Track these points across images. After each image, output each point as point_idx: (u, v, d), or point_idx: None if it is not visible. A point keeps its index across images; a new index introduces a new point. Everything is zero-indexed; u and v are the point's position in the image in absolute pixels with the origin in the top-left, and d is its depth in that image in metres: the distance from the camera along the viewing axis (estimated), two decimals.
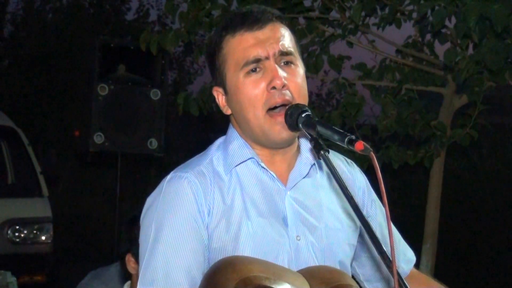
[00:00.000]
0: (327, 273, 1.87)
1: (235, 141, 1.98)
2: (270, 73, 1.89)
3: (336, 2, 4.90)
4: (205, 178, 1.91)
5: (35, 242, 7.78)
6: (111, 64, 6.32)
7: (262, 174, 1.96)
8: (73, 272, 8.72)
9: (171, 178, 1.92)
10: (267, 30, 1.93)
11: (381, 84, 5.10)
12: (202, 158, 1.99)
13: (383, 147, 5.13)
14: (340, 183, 1.72)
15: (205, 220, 1.87)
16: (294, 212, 1.95)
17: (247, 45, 1.91)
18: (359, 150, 1.65)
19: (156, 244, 1.86)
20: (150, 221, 1.90)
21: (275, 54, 1.91)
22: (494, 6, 3.73)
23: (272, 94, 1.89)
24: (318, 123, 1.79)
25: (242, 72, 1.91)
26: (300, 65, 1.96)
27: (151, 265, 1.85)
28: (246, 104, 1.91)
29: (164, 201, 1.89)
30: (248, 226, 1.88)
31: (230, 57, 1.94)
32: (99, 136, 6.12)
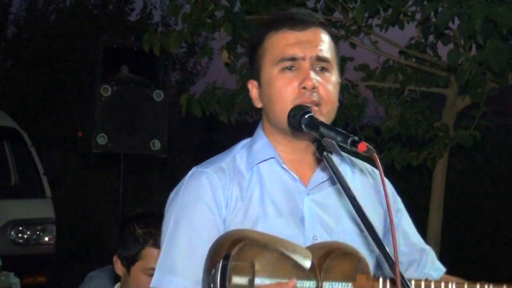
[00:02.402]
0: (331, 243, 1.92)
1: (260, 140, 2.04)
2: (303, 74, 1.95)
3: (339, 3, 4.90)
4: (225, 173, 1.98)
5: (38, 243, 7.79)
6: (114, 65, 6.32)
7: (283, 174, 2.00)
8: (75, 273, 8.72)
9: (192, 173, 2.01)
10: (309, 33, 1.99)
11: (384, 85, 5.10)
12: (225, 155, 2.05)
13: (386, 148, 5.12)
14: (342, 183, 1.73)
15: (222, 213, 1.94)
16: (312, 213, 1.97)
17: (286, 43, 1.98)
18: (362, 151, 1.66)
19: (175, 234, 1.94)
20: (170, 213, 1.99)
21: (311, 57, 1.96)
22: (500, 8, 3.73)
23: (302, 93, 1.94)
24: (321, 124, 1.80)
25: (277, 67, 1.97)
26: (335, 74, 2.01)
27: (169, 253, 1.94)
28: (276, 98, 1.97)
29: (184, 194, 1.98)
30: (265, 223, 1.92)
31: (269, 52, 2.00)
32: (102, 137, 6.11)
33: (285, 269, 1.80)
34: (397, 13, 4.71)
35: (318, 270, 1.84)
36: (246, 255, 1.77)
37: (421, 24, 4.82)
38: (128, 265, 2.96)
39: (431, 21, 4.72)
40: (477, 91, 4.72)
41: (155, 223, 2.98)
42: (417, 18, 4.79)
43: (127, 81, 6.33)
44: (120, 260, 3.03)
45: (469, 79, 4.46)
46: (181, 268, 1.90)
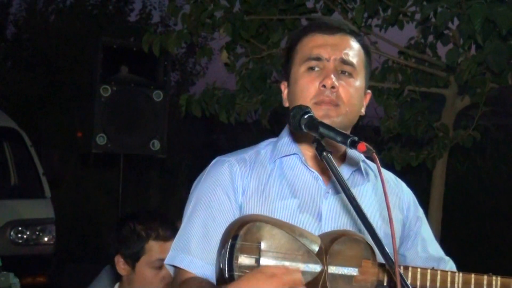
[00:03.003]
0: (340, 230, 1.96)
1: (285, 137, 2.11)
2: (325, 73, 2.02)
3: (339, 4, 4.90)
4: (246, 164, 2.06)
5: (38, 243, 7.79)
6: (114, 65, 6.32)
7: (304, 170, 2.05)
8: (75, 273, 8.72)
9: (216, 161, 2.10)
10: (337, 37, 2.07)
11: (383, 86, 5.10)
12: (249, 149, 2.14)
13: (385, 148, 5.13)
14: (342, 184, 1.72)
15: (238, 200, 2.01)
16: (330, 210, 2.02)
17: (315, 44, 2.07)
18: (361, 151, 1.66)
19: (192, 216, 2.03)
20: (191, 197, 2.08)
21: (336, 59, 2.04)
22: (499, 8, 3.73)
23: (321, 91, 2.01)
24: (321, 124, 1.80)
25: (303, 66, 2.06)
26: (360, 80, 2.07)
27: (185, 233, 2.02)
28: (298, 95, 2.05)
29: (205, 180, 2.07)
30: (282, 212, 1.96)
31: (298, 52, 2.10)
32: (102, 138, 6.11)
33: (292, 251, 1.84)
34: (396, 13, 4.71)
35: (324, 254, 1.87)
36: (254, 236, 1.83)
37: (421, 25, 4.82)
38: (133, 262, 3.01)
39: (431, 21, 4.72)
40: (477, 91, 4.72)
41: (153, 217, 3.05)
42: (416, 18, 4.80)
43: (127, 81, 6.33)
44: (123, 259, 3.06)
45: (468, 79, 4.46)
46: (194, 248, 1.97)
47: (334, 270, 1.87)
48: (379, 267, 1.92)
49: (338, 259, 1.87)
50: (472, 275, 2.01)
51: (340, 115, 2.00)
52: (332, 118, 1.99)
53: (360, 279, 1.89)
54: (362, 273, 1.89)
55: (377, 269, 1.91)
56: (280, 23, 4.84)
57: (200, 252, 1.96)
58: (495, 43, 3.99)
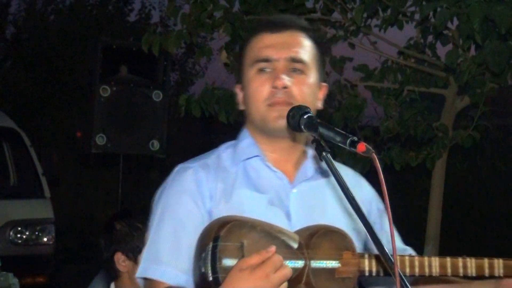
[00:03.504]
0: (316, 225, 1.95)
1: (245, 140, 2.09)
2: (275, 74, 2.00)
3: (338, 4, 4.90)
4: (209, 169, 2.03)
5: (37, 244, 7.79)
6: (113, 66, 6.32)
7: (268, 172, 2.04)
8: (75, 273, 8.72)
9: (178, 169, 2.07)
10: (285, 35, 2.05)
11: (383, 86, 5.10)
12: (210, 153, 2.11)
13: (385, 148, 5.12)
14: (341, 183, 1.72)
15: (206, 205, 1.97)
16: (298, 209, 2.01)
17: (263, 45, 2.04)
18: (361, 151, 1.66)
19: (160, 225, 1.98)
20: (156, 207, 2.03)
21: (285, 58, 2.01)
22: (498, 7, 3.73)
23: (273, 93, 1.99)
24: (320, 124, 1.79)
25: (254, 69, 2.04)
26: (312, 76, 2.05)
27: (155, 243, 1.97)
28: (251, 98, 2.04)
29: (170, 188, 2.03)
30: (252, 214, 1.93)
31: (248, 55, 2.08)
32: (101, 138, 6.12)
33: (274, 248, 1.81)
34: (396, 13, 4.71)
35: (305, 249, 1.86)
36: (235, 236, 1.80)
37: (420, 25, 4.82)
38: (135, 255, 3.07)
39: (430, 21, 4.72)
40: (476, 92, 4.72)
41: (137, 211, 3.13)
42: (416, 18, 4.79)
43: (126, 81, 6.34)
44: (124, 256, 3.12)
45: (468, 80, 4.46)
46: (166, 257, 1.93)
47: (316, 264, 1.86)
48: (360, 257, 1.93)
49: (319, 253, 1.87)
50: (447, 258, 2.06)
51: None
52: None
53: (342, 270, 1.89)
54: (344, 264, 1.90)
55: (358, 259, 1.92)
56: None
57: (172, 261, 1.92)
58: (494, 43, 3.98)
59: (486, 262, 2.09)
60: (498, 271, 2.09)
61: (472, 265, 2.07)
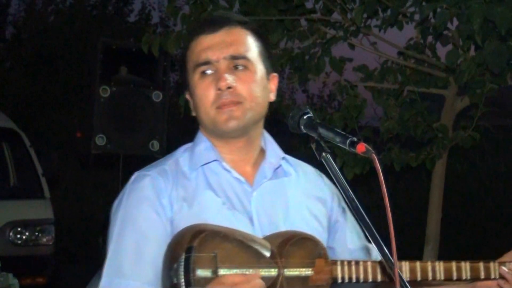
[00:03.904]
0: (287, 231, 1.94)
1: (201, 143, 2.05)
2: (218, 76, 1.97)
3: (338, 4, 4.90)
4: (168, 175, 1.98)
5: (37, 244, 7.78)
6: (113, 66, 6.32)
7: (228, 176, 2.00)
8: (74, 273, 8.71)
9: (136, 177, 2.01)
10: (221, 34, 2.00)
11: (383, 86, 5.11)
12: (167, 159, 2.06)
13: (385, 149, 5.13)
14: (342, 184, 1.72)
15: (168, 214, 1.93)
16: (260, 212, 1.98)
17: (201, 48, 2.01)
18: (361, 152, 1.65)
19: (121, 236, 1.93)
20: (115, 218, 1.98)
21: (225, 57, 1.97)
22: (498, 8, 3.73)
23: (219, 95, 1.96)
24: (320, 125, 1.79)
25: (196, 73, 2.01)
26: (258, 69, 2.01)
27: (116, 256, 1.91)
28: (199, 103, 2.00)
29: (128, 198, 1.97)
30: (215, 219, 1.91)
31: (189, 60, 2.04)
32: (101, 138, 6.11)
33: (247, 258, 1.81)
34: (396, 13, 4.71)
35: (278, 258, 1.85)
36: (208, 246, 1.78)
37: (420, 25, 4.82)
38: None
39: (430, 21, 4.72)
40: (476, 92, 4.72)
41: None
42: (416, 18, 4.79)
43: (126, 82, 6.33)
44: None
45: (468, 80, 4.46)
46: (129, 270, 1.88)
47: (289, 272, 1.85)
48: (332, 264, 1.92)
49: (292, 261, 1.86)
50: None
51: (246, 111, 1.96)
52: (239, 118, 1.95)
53: (316, 278, 1.89)
54: (317, 272, 1.89)
55: (330, 267, 1.91)
56: (279, 24, 4.84)
57: (135, 274, 1.87)
58: (494, 43, 3.98)
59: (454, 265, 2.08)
60: (466, 274, 2.09)
61: (441, 269, 2.05)
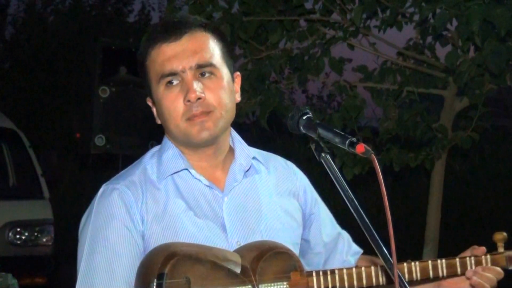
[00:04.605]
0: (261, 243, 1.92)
1: (169, 150, 2.00)
2: (185, 87, 1.90)
3: (337, 5, 4.90)
4: (137, 187, 1.92)
5: (36, 244, 7.77)
6: (112, 66, 6.31)
7: (198, 183, 1.96)
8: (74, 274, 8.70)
9: (103, 192, 1.95)
10: (184, 41, 1.92)
11: (382, 87, 5.11)
12: (135, 167, 2.00)
13: (384, 149, 5.13)
14: (341, 185, 1.72)
15: (139, 228, 1.88)
16: (232, 217, 1.96)
17: (164, 58, 1.92)
18: (360, 152, 1.65)
19: (91, 256, 1.87)
20: (84, 236, 1.91)
21: (191, 67, 1.90)
22: (498, 9, 3.73)
23: (188, 107, 1.90)
24: (319, 125, 1.79)
25: (161, 84, 1.93)
26: (224, 74, 1.95)
27: (88, 277, 1.86)
28: (167, 115, 1.93)
29: (96, 214, 1.91)
30: (186, 233, 1.88)
31: (151, 70, 1.96)
32: (100, 138, 6.11)
33: (220, 279, 1.79)
34: (395, 14, 4.71)
35: (252, 274, 1.83)
36: (180, 271, 1.75)
37: (419, 26, 4.82)
38: None
39: (429, 22, 4.72)
40: (475, 93, 4.72)
41: None
42: (415, 19, 4.80)
43: (126, 82, 6.33)
44: None
45: (467, 81, 4.47)
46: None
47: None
48: (308, 276, 1.90)
49: (267, 276, 1.84)
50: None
51: (217, 120, 1.91)
52: (210, 128, 1.91)
53: None
54: (292, 285, 1.87)
55: (306, 279, 1.89)
56: (278, 24, 4.84)
57: None
58: (493, 44, 3.99)
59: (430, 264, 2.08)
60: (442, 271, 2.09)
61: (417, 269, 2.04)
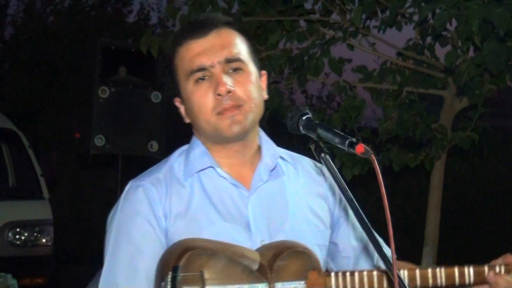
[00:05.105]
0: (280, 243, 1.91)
1: (196, 148, 2.02)
2: (215, 81, 1.93)
3: (337, 5, 4.90)
4: (162, 184, 1.95)
5: (36, 245, 7.78)
6: (112, 67, 6.32)
7: (224, 182, 1.98)
8: (73, 274, 8.71)
9: (129, 188, 1.98)
10: (212, 37, 1.96)
11: (382, 87, 5.11)
12: (161, 165, 2.03)
13: (384, 149, 5.13)
14: (341, 185, 1.72)
15: (162, 225, 1.91)
16: (257, 217, 1.96)
17: (192, 54, 1.95)
18: (359, 152, 1.65)
19: (115, 251, 1.91)
20: (110, 231, 1.96)
21: (220, 62, 1.94)
22: (497, 9, 3.73)
23: (219, 101, 1.92)
24: (319, 125, 1.79)
25: (191, 81, 1.96)
26: (251, 70, 1.98)
27: (111, 271, 1.90)
28: (197, 111, 1.96)
29: (122, 210, 1.96)
30: (210, 228, 1.89)
31: (180, 67, 1.99)
32: (100, 139, 6.11)
33: (235, 275, 1.79)
34: (394, 14, 4.71)
35: (269, 272, 1.83)
36: (195, 265, 1.77)
37: (419, 26, 4.82)
38: None
39: (429, 22, 4.72)
40: (475, 93, 4.72)
41: None
42: (414, 19, 4.80)
43: (125, 82, 6.33)
44: None
45: (466, 81, 4.47)
46: (123, 284, 1.87)
47: (281, 286, 1.83)
48: (326, 276, 1.89)
49: (283, 274, 1.84)
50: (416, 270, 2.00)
51: (247, 114, 1.93)
52: (241, 122, 1.93)
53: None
54: (310, 285, 1.86)
55: (324, 279, 1.88)
56: (278, 25, 4.84)
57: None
58: (493, 44, 3.99)
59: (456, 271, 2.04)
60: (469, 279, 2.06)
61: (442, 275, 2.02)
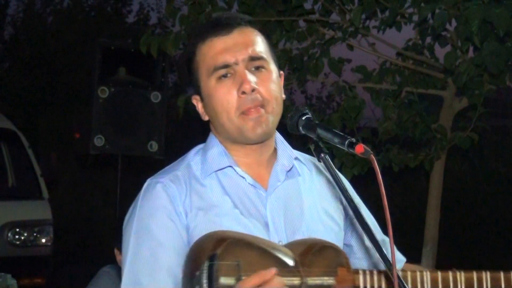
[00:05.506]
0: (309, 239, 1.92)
1: (214, 147, 2.01)
2: (239, 79, 1.92)
3: (337, 5, 4.90)
4: (180, 181, 1.95)
5: (35, 245, 7.78)
6: (112, 67, 6.32)
7: (242, 181, 1.97)
8: (73, 274, 8.71)
9: (148, 185, 1.97)
10: (235, 35, 1.95)
11: (381, 87, 5.11)
12: (179, 163, 2.03)
13: (383, 150, 5.13)
14: (340, 185, 1.73)
15: (183, 221, 1.90)
16: (275, 217, 1.96)
17: (215, 51, 1.94)
18: (359, 152, 1.65)
19: (136, 247, 1.90)
20: (130, 228, 1.94)
21: (244, 59, 1.93)
22: (497, 10, 3.73)
23: (243, 99, 1.91)
24: (319, 126, 1.79)
25: (213, 78, 1.94)
26: (273, 69, 1.99)
27: (133, 268, 1.89)
28: (219, 109, 1.94)
29: (141, 207, 1.94)
30: (232, 226, 1.89)
31: (202, 64, 1.97)
32: (100, 139, 6.12)
33: (270, 266, 1.78)
34: (394, 14, 4.71)
35: (300, 266, 1.83)
36: (231, 254, 1.76)
37: (419, 26, 4.82)
38: None
39: (429, 23, 4.72)
40: (474, 93, 4.72)
41: None
42: (414, 19, 4.80)
43: (125, 82, 6.34)
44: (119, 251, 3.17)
45: (466, 81, 4.47)
46: (147, 280, 1.86)
47: (311, 281, 1.83)
48: (355, 273, 1.89)
49: (314, 270, 1.84)
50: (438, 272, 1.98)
51: (270, 115, 1.93)
52: (265, 123, 1.92)
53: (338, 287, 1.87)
54: (339, 281, 1.86)
55: (353, 276, 1.88)
56: (278, 25, 4.84)
57: (153, 285, 1.85)
58: (492, 44, 3.99)
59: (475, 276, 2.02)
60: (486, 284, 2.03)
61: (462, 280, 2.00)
